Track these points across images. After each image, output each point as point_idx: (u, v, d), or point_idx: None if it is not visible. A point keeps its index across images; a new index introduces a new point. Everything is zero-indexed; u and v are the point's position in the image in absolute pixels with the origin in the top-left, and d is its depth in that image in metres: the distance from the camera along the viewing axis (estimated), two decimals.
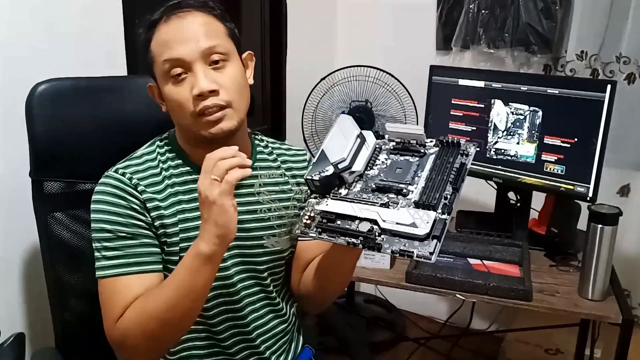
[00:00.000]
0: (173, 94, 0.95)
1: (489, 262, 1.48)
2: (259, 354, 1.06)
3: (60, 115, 1.12)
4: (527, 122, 1.58)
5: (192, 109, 0.94)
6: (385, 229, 0.82)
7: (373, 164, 0.93)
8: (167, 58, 0.94)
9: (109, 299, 0.93)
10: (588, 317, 1.39)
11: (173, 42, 0.94)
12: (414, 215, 0.81)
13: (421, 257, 0.79)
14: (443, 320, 2.31)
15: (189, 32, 0.94)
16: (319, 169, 0.90)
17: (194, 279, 0.88)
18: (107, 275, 0.93)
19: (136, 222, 0.95)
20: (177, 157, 1.02)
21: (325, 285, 1.06)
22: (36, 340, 1.28)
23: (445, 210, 0.82)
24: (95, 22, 1.38)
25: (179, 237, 0.97)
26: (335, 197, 0.89)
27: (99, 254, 0.94)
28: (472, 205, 1.81)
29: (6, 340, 0.98)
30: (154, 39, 0.96)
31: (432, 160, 0.89)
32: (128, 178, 0.96)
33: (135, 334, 0.90)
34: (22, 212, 1.15)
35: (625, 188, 1.95)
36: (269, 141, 1.14)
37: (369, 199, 0.87)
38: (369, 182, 0.90)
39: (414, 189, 0.86)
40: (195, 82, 0.93)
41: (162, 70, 0.95)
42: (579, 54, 1.90)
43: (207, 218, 0.85)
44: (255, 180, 1.06)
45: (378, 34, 2.28)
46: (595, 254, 1.31)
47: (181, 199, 0.99)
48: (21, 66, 1.22)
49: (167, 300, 0.88)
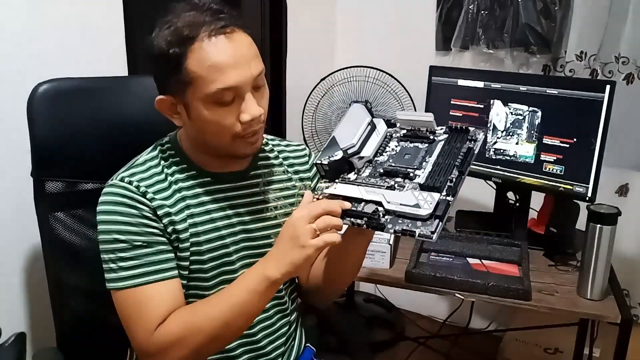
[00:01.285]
0: (217, 117, 0.91)
1: (488, 261, 1.48)
2: (264, 355, 1.05)
3: (62, 115, 1.12)
4: (526, 122, 1.58)
5: (234, 132, 0.92)
6: (389, 209, 0.84)
7: (383, 150, 0.94)
8: (223, 87, 0.88)
9: (138, 310, 0.91)
10: (587, 316, 1.39)
11: (227, 68, 0.88)
12: (418, 197, 0.83)
13: (423, 236, 0.80)
14: (442, 319, 2.32)
15: (241, 57, 0.89)
16: (328, 153, 0.92)
17: (254, 300, 0.89)
18: (128, 285, 0.91)
19: (150, 229, 0.93)
20: (182, 162, 1.01)
21: (336, 276, 1.06)
22: (37, 340, 1.28)
23: (450, 192, 0.83)
24: (96, 22, 1.38)
25: (189, 242, 0.96)
26: (344, 182, 0.91)
27: (114, 264, 0.92)
28: (471, 205, 1.81)
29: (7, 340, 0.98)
30: (194, 58, 0.88)
31: (441, 146, 0.91)
32: (135, 187, 0.94)
33: (179, 347, 0.89)
34: (24, 211, 1.15)
35: (623, 188, 1.96)
36: (269, 139, 1.14)
37: (376, 182, 0.89)
38: (378, 168, 0.91)
39: (421, 173, 0.87)
40: (246, 108, 0.91)
41: (208, 95, 0.89)
42: (578, 54, 1.90)
43: (286, 252, 0.86)
44: (259, 179, 1.06)
45: (378, 34, 2.28)
46: (594, 254, 1.32)
47: (189, 203, 0.98)
48: (22, 66, 1.23)
49: (222, 318, 0.89)
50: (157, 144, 1.03)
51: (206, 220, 0.98)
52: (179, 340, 0.89)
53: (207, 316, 0.90)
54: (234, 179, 1.03)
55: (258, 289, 0.88)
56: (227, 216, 1.01)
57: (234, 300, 0.90)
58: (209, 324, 0.89)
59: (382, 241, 1.46)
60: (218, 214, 1.00)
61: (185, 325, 0.90)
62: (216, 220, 0.99)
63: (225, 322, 0.90)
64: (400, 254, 1.54)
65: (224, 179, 1.02)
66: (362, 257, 1.04)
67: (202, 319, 0.90)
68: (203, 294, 0.98)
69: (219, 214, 1.00)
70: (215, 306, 0.91)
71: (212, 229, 0.99)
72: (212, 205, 1.00)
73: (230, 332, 0.93)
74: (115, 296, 0.93)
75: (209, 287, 0.99)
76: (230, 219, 1.01)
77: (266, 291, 0.89)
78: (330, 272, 1.05)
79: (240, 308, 0.89)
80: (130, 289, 0.91)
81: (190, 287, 0.98)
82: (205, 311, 0.91)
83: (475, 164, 1.68)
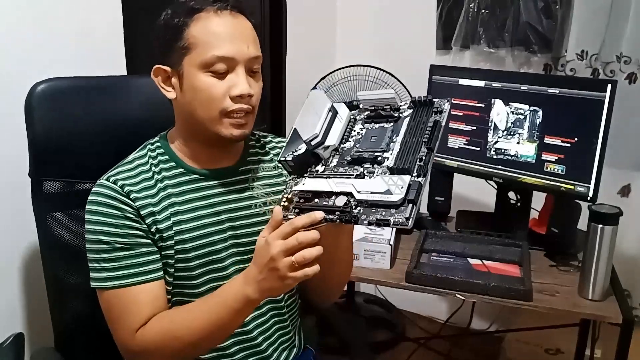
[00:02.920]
0: (208, 86, 0.94)
1: (489, 262, 1.48)
2: (260, 352, 1.05)
3: (60, 115, 1.12)
4: (527, 122, 1.58)
5: (223, 106, 0.94)
6: (361, 200, 0.80)
7: (348, 136, 0.90)
8: (219, 54, 0.92)
9: (119, 311, 0.94)
10: (588, 317, 1.39)
11: (228, 37, 0.93)
12: (388, 182, 0.79)
13: (398, 224, 0.77)
14: (443, 320, 2.31)
15: (242, 34, 0.95)
16: (291, 148, 0.88)
17: (232, 318, 0.90)
18: (110, 287, 0.93)
19: (132, 231, 0.94)
20: (170, 160, 1.02)
21: (329, 272, 1.04)
22: (35, 341, 1.28)
23: (421, 172, 0.79)
24: (94, 21, 1.38)
25: (173, 241, 0.97)
26: (312, 175, 0.88)
27: (98, 264, 0.94)
28: (472, 205, 1.81)
29: (5, 341, 0.98)
30: (197, 25, 0.93)
31: (407, 123, 0.86)
32: (120, 186, 0.95)
33: (156, 351, 0.93)
34: (22, 211, 1.15)
35: (625, 188, 1.95)
36: (260, 135, 1.15)
37: (345, 172, 0.85)
38: (345, 155, 0.88)
39: (390, 155, 0.84)
40: (237, 82, 0.94)
41: (204, 61, 0.93)
42: (579, 54, 1.89)
43: (266, 279, 0.84)
44: (248, 174, 1.06)
45: (378, 33, 2.28)
46: (595, 254, 1.31)
47: (174, 201, 0.98)
48: (20, 65, 1.22)
49: (199, 328, 0.91)
50: (146, 143, 1.05)
51: (192, 218, 0.99)
52: (158, 348, 0.92)
53: (185, 327, 0.92)
54: (223, 175, 1.03)
55: (236, 307, 0.89)
56: (215, 213, 1.01)
57: (213, 316, 0.90)
58: (188, 333, 0.92)
59: (383, 241, 1.45)
60: (205, 211, 1.00)
61: (164, 332, 0.92)
62: (203, 217, 1.00)
63: (204, 335, 0.92)
64: (400, 254, 1.53)
65: (212, 175, 1.02)
66: (351, 248, 1.04)
67: (181, 329, 0.92)
68: (191, 292, 0.99)
69: (206, 211, 1.00)
70: (194, 319, 0.92)
71: (198, 226, 0.99)
72: (199, 203, 1.00)
73: (208, 343, 0.95)
74: (100, 295, 0.96)
75: (196, 286, 0.99)
76: (219, 216, 1.01)
77: (245, 309, 0.90)
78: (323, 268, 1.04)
79: (218, 323, 0.91)
80: (113, 290, 0.93)
81: (177, 285, 0.99)
82: (183, 322, 0.93)
83: (476, 163, 1.68)
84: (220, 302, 0.90)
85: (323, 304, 1.18)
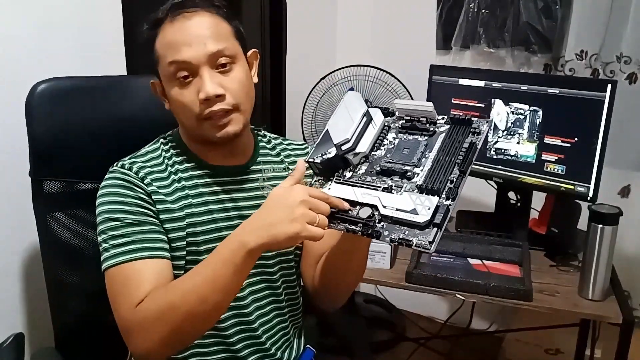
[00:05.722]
0: (178, 96, 0.95)
1: (489, 262, 1.48)
2: (264, 350, 1.05)
3: (60, 115, 1.12)
4: (527, 122, 1.58)
5: (197, 112, 0.94)
6: (385, 215, 0.78)
7: (380, 144, 0.88)
8: (173, 60, 0.93)
9: (123, 285, 0.89)
10: (588, 317, 1.39)
11: (179, 44, 0.92)
12: (416, 201, 0.77)
13: (420, 246, 0.75)
14: (443, 320, 2.31)
15: (195, 34, 0.93)
16: (321, 150, 0.86)
17: (229, 272, 0.83)
18: (117, 262, 0.90)
19: (143, 210, 0.94)
20: (183, 154, 1.02)
21: (341, 278, 1.04)
22: (35, 341, 1.28)
23: (450, 195, 0.77)
24: (95, 21, 1.38)
25: (185, 232, 0.97)
26: (339, 181, 0.86)
27: (107, 244, 0.92)
28: (472, 205, 1.81)
29: (5, 341, 0.98)
30: (158, 39, 0.95)
31: (442, 140, 0.84)
32: (135, 172, 0.96)
33: (157, 325, 0.85)
34: (22, 211, 1.15)
35: (626, 189, 1.95)
36: (272, 137, 1.15)
37: (372, 182, 0.83)
38: (375, 164, 0.86)
39: (420, 172, 0.81)
40: (201, 86, 0.92)
41: (168, 72, 0.94)
42: (579, 54, 1.89)
43: (272, 219, 0.81)
44: (258, 174, 1.06)
45: (378, 33, 2.28)
46: (595, 254, 1.31)
47: (188, 193, 0.99)
48: (21, 65, 1.22)
49: (196, 292, 0.84)
50: (160, 136, 1.06)
51: (204, 211, 0.99)
52: (157, 319, 0.85)
53: (181, 290, 0.85)
54: (234, 173, 1.04)
55: (233, 259, 0.82)
56: (225, 209, 1.01)
57: (208, 272, 0.84)
58: (184, 299, 0.84)
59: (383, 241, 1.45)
60: (216, 206, 1.00)
61: (161, 302, 0.85)
62: (214, 212, 1.00)
63: (200, 297, 0.84)
64: (400, 254, 1.53)
65: (223, 172, 1.03)
66: (366, 257, 1.03)
67: (177, 295, 0.85)
68: None
69: (217, 207, 1.00)
70: (188, 280, 0.86)
71: (209, 220, 0.99)
72: (210, 197, 1.00)
73: (208, 308, 0.86)
74: (106, 276, 0.92)
75: None
76: (228, 212, 1.01)
77: (242, 262, 0.82)
78: (334, 273, 1.04)
79: (214, 280, 0.84)
80: (119, 265, 0.90)
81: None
82: (179, 286, 0.87)
83: (477, 163, 1.66)
84: (216, 257, 0.85)
85: (331, 307, 1.18)
